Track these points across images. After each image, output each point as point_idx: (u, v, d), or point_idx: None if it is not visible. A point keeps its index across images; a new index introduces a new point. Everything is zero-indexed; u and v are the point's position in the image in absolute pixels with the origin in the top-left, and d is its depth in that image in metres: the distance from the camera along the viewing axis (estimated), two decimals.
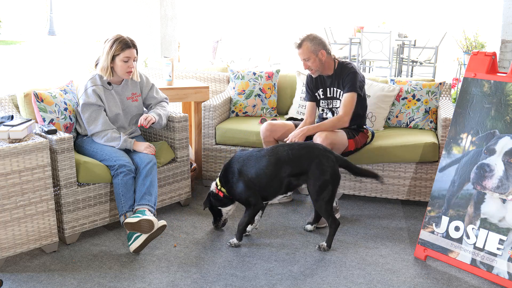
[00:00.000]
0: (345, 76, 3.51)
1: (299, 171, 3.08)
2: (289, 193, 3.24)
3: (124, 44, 3.24)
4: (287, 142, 3.40)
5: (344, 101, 3.49)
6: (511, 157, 2.78)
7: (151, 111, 3.49)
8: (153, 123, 3.41)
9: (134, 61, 3.31)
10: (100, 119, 3.28)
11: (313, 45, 3.45)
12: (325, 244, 3.12)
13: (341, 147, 3.49)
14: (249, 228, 3.31)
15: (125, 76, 3.33)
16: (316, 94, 3.67)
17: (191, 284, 2.76)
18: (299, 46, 3.48)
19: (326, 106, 3.67)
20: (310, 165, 3.05)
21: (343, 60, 3.61)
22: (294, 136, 3.43)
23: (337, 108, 3.61)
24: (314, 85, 3.66)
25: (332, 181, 3.06)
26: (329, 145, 3.32)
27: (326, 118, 3.66)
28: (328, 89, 3.60)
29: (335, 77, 3.55)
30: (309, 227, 3.37)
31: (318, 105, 3.72)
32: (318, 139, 3.37)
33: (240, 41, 12.40)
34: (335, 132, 3.46)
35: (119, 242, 3.22)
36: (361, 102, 3.57)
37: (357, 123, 3.62)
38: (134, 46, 3.30)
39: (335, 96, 3.59)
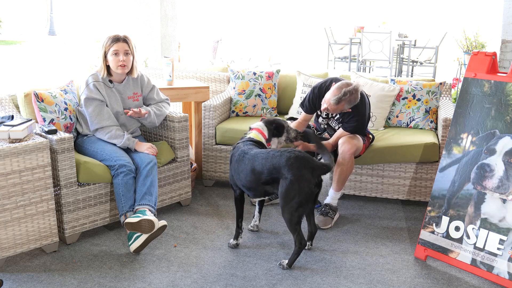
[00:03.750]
0: (353, 117, 3.45)
1: (269, 179, 2.93)
2: (267, 197, 3.13)
3: (112, 39, 3.28)
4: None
5: (339, 135, 3.53)
6: (511, 157, 2.78)
7: (144, 107, 3.48)
8: (138, 117, 3.40)
9: (126, 55, 3.30)
10: (105, 114, 3.28)
11: (347, 106, 3.35)
12: (286, 262, 2.93)
13: (359, 151, 3.56)
14: (251, 223, 3.38)
15: (118, 71, 3.33)
16: (318, 110, 3.66)
17: (191, 284, 2.76)
18: (337, 103, 3.30)
19: (325, 123, 3.72)
20: (282, 173, 2.85)
21: (362, 95, 3.41)
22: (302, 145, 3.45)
23: (332, 126, 3.67)
24: (318, 103, 3.54)
25: (300, 192, 2.81)
26: (354, 152, 3.44)
27: (324, 128, 3.75)
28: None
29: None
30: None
31: (316, 117, 3.75)
32: (346, 145, 3.42)
33: (240, 41, 12.40)
34: (357, 138, 3.51)
35: (119, 242, 3.22)
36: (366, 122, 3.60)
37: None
38: (124, 40, 3.30)
39: (333, 116, 3.64)
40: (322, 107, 3.41)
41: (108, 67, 3.33)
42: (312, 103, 3.58)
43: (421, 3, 15.06)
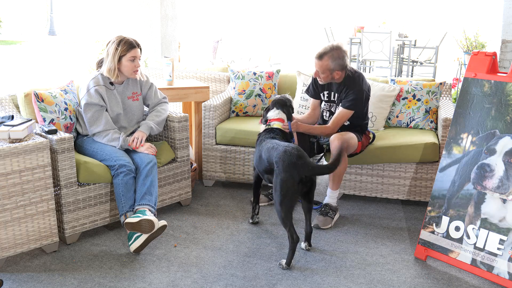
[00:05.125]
0: (350, 90, 3.48)
1: (269, 168, 3.07)
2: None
3: (129, 44, 3.28)
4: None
5: (337, 115, 3.52)
6: (511, 157, 2.78)
7: (142, 123, 3.45)
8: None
9: (139, 60, 3.35)
10: (103, 119, 3.28)
11: (334, 64, 3.38)
12: (284, 262, 2.94)
13: (352, 150, 3.55)
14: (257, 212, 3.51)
15: (132, 76, 3.36)
16: (321, 94, 3.67)
17: (191, 284, 2.76)
18: (320, 57, 3.38)
19: (327, 109, 3.69)
20: (274, 165, 2.98)
21: (354, 71, 3.51)
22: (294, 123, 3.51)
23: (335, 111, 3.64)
24: (321, 87, 3.65)
25: (281, 185, 2.89)
26: (347, 148, 3.42)
27: (326, 120, 3.71)
28: (332, 93, 3.61)
29: (343, 85, 3.52)
30: (302, 244, 3.16)
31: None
32: (336, 142, 3.40)
33: (241, 41, 12.40)
34: (349, 135, 3.50)
35: (119, 242, 3.22)
36: (364, 111, 3.60)
37: (361, 126, 3.64)
38: (138, 46, 3.35)
39: (336, 101, 3.62)
40: (314, 73, 3.48)
41: (118, 69, 3.33)
42: (315, 86, 3.66)
43: (421, 3, 15.05)
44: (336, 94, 3.58)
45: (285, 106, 3.48)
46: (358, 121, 3.61)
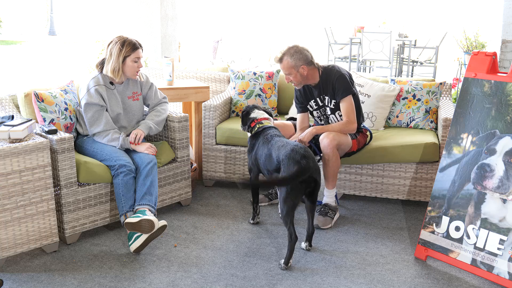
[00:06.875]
0: (334, 82, 3.44)
1: (279, 167, 3.06)
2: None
3: (133, 45, 3.29)
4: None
5: (344, 107, 3.46)
6: (511, 157, 2.78)
7: (142, 123, 3.45)
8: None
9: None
10: (103, 119, 3.28)
11: (294, 60, 3.36)
12: (282, 261, 2.93)
13: (346, 147, 3.52)
14: (253, 216, 3.52)
15: (133, 76, 3.37)
16: (308, 106, 3.65)
17: (191, 284, 2.76)
18: (280, 60, 3.41)
19: (320, 115, 3.67)
20: (281, 163, 3.01)
21: (326, 65, 3.52)
22: (303, 136, 3.44)
23: (329, 114, 3.61)
24: (305, 98, 3.62)
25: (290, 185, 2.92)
26: (336, 146, 3.37)
27: (322, 125, 3.69)
28: (318, 99, 3.58)
29: (322, 84, 3.50)
30: (303, 244, 3.17)
31: (311, 115, 3.72)
32: (325, 140, 3.37)
33: (241, 41, 12.40)
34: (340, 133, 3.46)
35: (119, 242, 3.22)
36: (356, 102, 3.55)
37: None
38: (141, 46, 3.37)
39: (326, 104, 3.58)
40: (286, 79, 3.49)
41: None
42: (299, 100, 3.64)
43: (421, 3, 15.06)
44: (322, 96, 3.55)
45: (264, 109, 3.53)
46: None
